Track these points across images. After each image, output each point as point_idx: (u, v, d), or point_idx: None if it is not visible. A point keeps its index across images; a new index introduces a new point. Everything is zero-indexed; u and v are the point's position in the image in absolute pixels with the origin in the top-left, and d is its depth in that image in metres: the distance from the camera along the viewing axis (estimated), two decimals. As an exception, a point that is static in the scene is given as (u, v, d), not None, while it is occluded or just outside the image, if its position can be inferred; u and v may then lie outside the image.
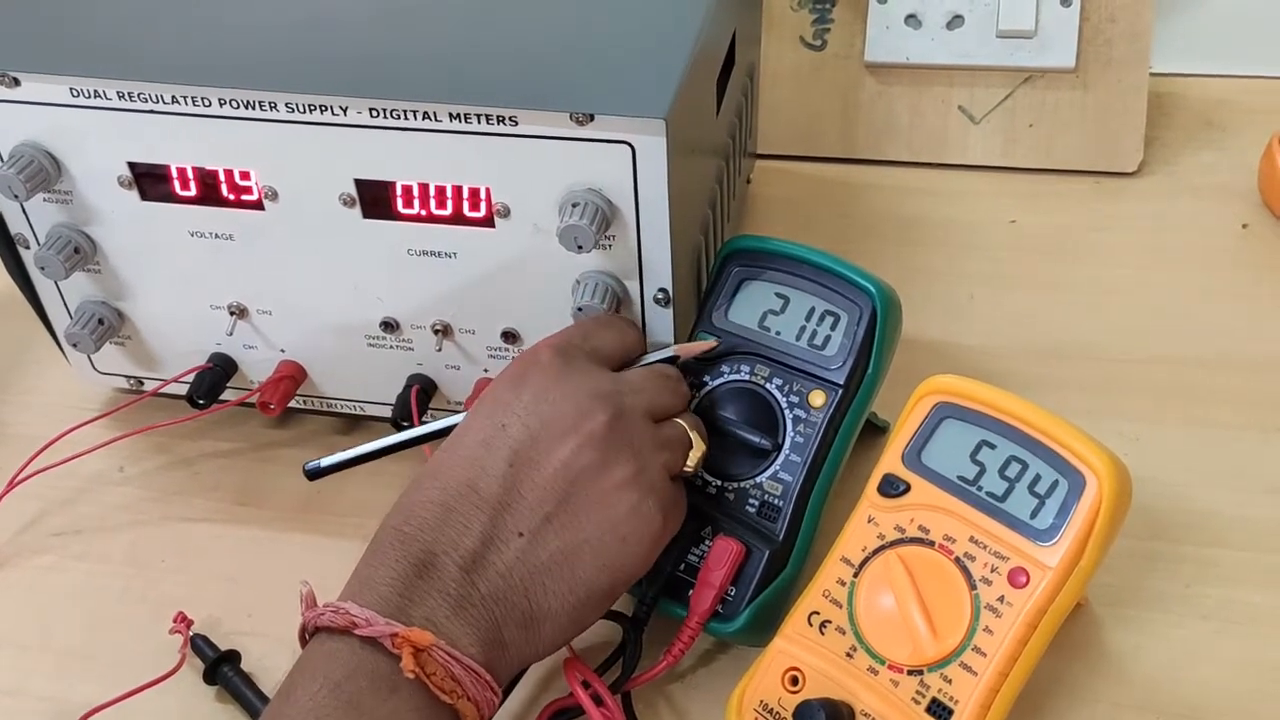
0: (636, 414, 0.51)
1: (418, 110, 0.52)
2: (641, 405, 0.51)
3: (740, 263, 0.58)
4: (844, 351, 0.54)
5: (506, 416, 0.49)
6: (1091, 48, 0.79)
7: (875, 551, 0.50)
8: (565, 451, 0.48)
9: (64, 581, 0.60)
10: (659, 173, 0.52)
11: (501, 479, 0.47)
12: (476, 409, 0.50)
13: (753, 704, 0.50)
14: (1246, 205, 0.77)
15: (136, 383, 0.66)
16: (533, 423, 0.49)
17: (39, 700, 0.55)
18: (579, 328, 0.54)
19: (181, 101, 0.54)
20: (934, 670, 0.47)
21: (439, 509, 0.47)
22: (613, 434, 0.49)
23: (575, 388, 0.50)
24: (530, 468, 0.48)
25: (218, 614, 0.58)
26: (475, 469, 0.48)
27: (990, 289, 0.73)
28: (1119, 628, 0.55)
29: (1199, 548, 0.58)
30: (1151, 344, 0.68)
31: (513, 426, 0.49)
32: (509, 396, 0.50)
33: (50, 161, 0.57)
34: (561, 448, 0.48)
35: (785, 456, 0.54)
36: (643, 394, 0.52)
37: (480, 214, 0.55)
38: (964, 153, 0.82)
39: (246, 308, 0.61)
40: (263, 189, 0.56)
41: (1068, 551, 0.46)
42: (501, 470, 0.48)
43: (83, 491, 0.64)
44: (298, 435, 0.67)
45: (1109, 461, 0.47)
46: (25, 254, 0.61)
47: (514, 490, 0.47)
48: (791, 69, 0.83)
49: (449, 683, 0.43)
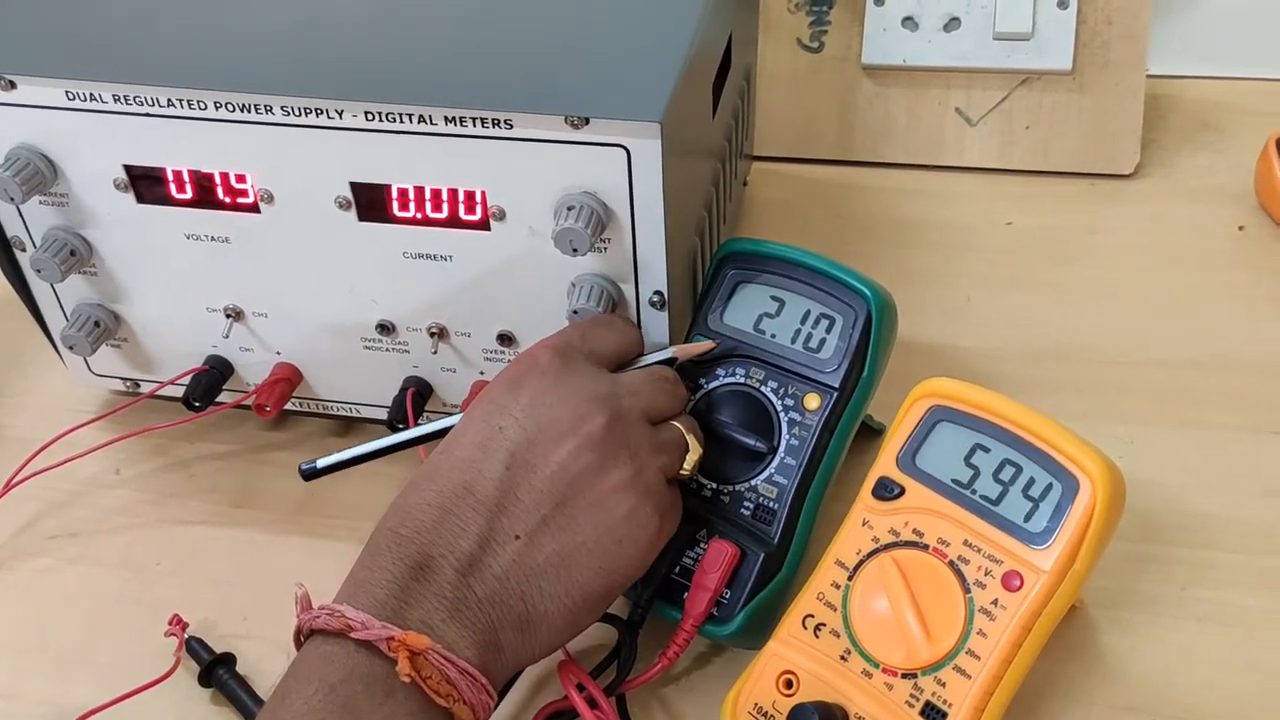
0: (634, 417, 0.51)
1: (413, 113, 0.52)
2: (639, 408, 0.51)
3: (736, 265, 0.58)
4: (839, 355, 0.54)
5: (504, 419, 0.49)
6: (1088, 50, 0.79)
7: (870, 555, 0.50)
8: (562, 454, 0.48)
9: (60, 584, 0.60)
10: (654, 176, 0.52)
11: (498, 481, 0.47)
12: (473, 411, 0.50)
13: (747, 707, 0.50)
14: (1243, 207, 0.77)
15: (133, 385, 0.66)
16: (530, 425, 0.49)
17: (35, 703, 0.55)
18: (577, 328, 0.54)
19: (177, 104, 0.54)
20: (928, 673, 0.47)
21: (435, 511, 0.47)
22: (610, 437, 0.49)
23: (573, 390, 0.50)
24: (527, 470, 0.48)
25: (213, 617, 0.58)
26: (472, 471, 0.48)
27: (987, 291, 0.73)
28: (1114, 630, 0.55)
29: (1194, 550, 0.58)
30: (1148, 346, 0.68)
31: (510, 429, 0.49)
32: (506, 399, 0.50)
33: (46, 164, 0.57)
34: (559, 450, 0.48)
35: (780, 459, 0.54)
36: (640, 396, 0.52)
37: (476, 217, 0.55)
38: (961, 155, 0.82)
39: (242, 310, 0.61)
40: (259, 192, 0.56)
41: (1062, 555, 0.46)
42: (498, 473, 0.48)
43: (79, 494, 0.64)
44: (294, 438, 0.67)
45: (1103, 465, 0.47)
46: (21, 256, 0.61)
47: (511, 493, 0.47)
48: (788, 71, 0.83)
49: (445, 686, 0.43)
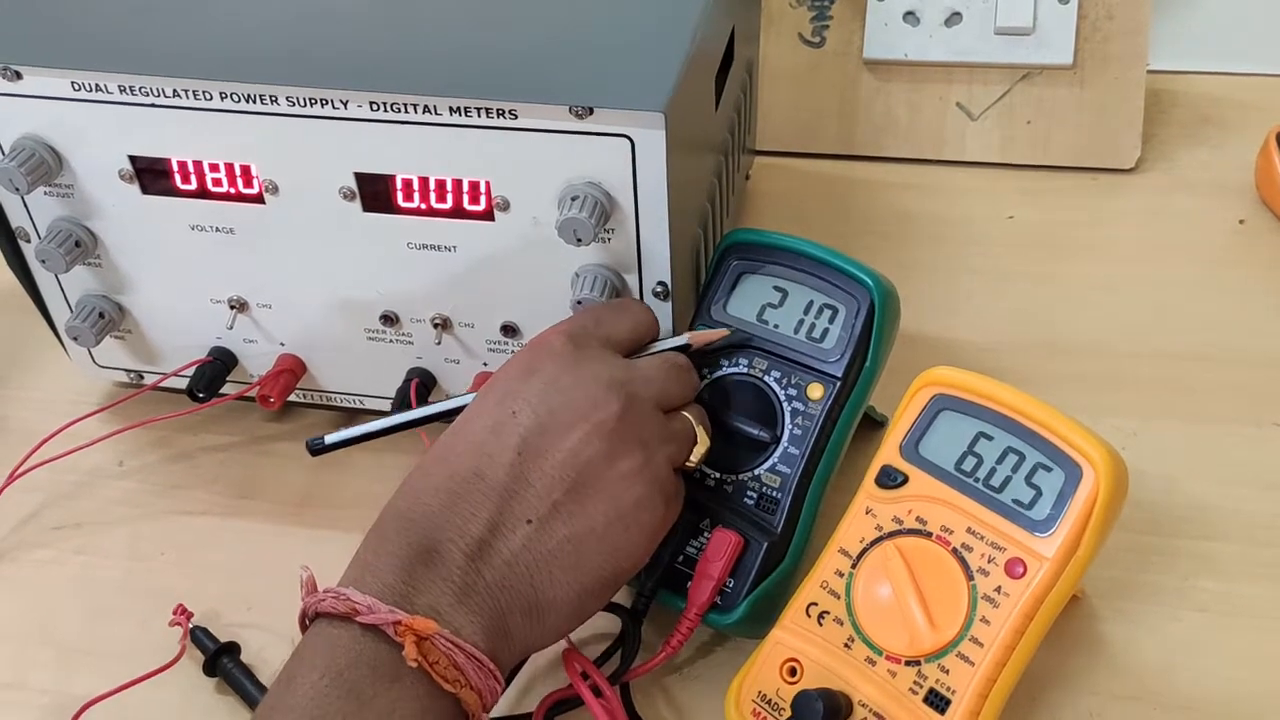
0: (647, 405, 0.51)
1: (418, 104, 0.53)
2: (652, 396, 0.51)
3: (739, 256, 0.58)
4: (842, 344, 0.54)
5: (516, 403, 0.49)
6: (1089, 45, 0.79)
7: (873, 543, 0.50)
8: (574, 440, 0.48)
9: (64, 575, 0.61)
10: (658, 166, 0.52)
11: (509, 466, 0.47)
12: (485, 394, 0.50)
13: (751, 695, 0.50)
14: (1243, 201, 0.77)
15: (136, 376, 0.66)
16: (542, 410, 0.48)
17: (39, 693, 0.55)
18: (591, 313, 0.54)
19: (183, 95, 0.54)
20: (931, 660, 0.47)
21: (445, 495, 0.47)
22: (622, 425, 0.49)
23: (587, 376, 0.50)
24: (539, 456, 0.48)
25: (217, 606, 0.58)
26: (482, 456, 0.48)
27: (988, 284, 0.73)
28: (1116, 620, 0.55)
29: (1195, 541, 0.58)
30: (1148, 339, 0.69)
31: (523, 414, 0.48)
32: (519, 383, 0.50)
33: (51, 155, 0.57)
34: (571, 436, 0.48)
35: (784, 449, 0.54)
36: (653, 384, 0.52)
37: (480, 207, 0.55)
38: (962, 149, 0.82)
39: (246, 301, 0.62)
40: (263, 183, 0.57)
41: (1064, 542, 0.47)
42: (509, 458, 0.47)
43: (83, 485, 0.64)
44: (297, 428, 0.67)
45: (1106, 452, 0.47)
46: (26, 248, 0.61)
47: (522, 478, 0.47)
48: (790, 66, 0.83)
49: (452, 671, 0.43)
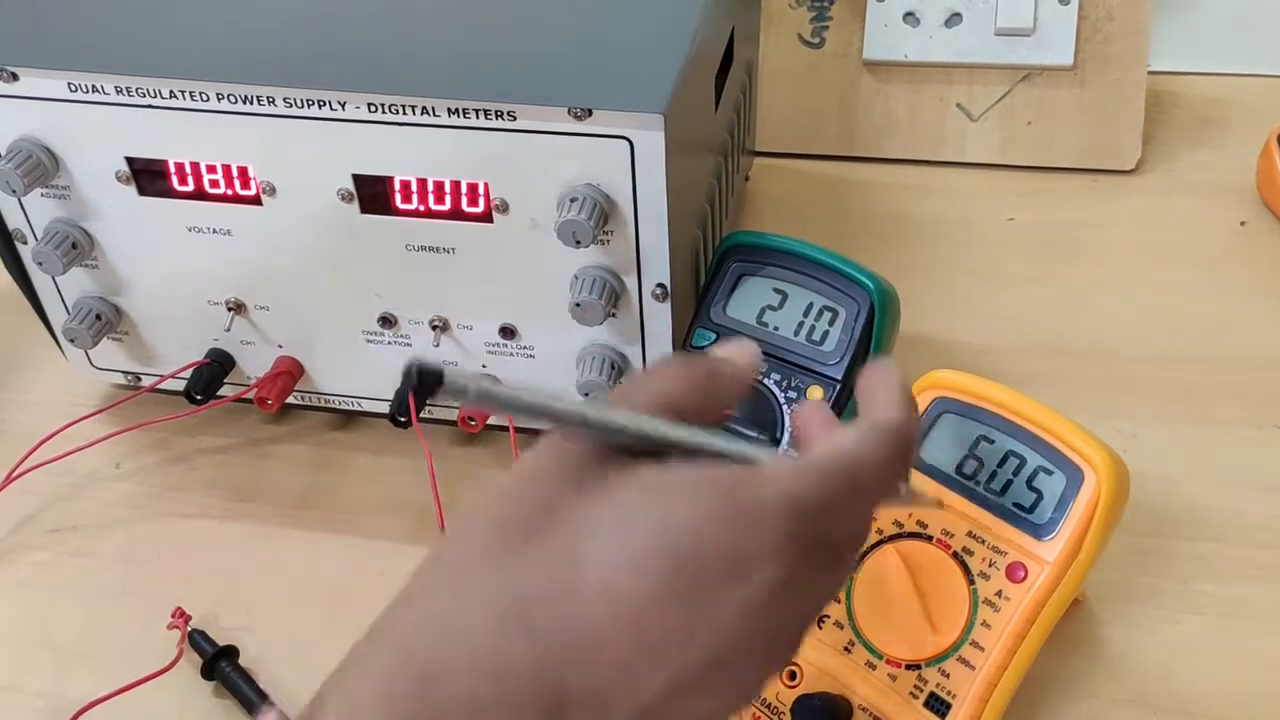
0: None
1: (416, 105, 0.52)
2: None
3: (738, 258, 0.58)
4: (842, 346, 0.54)
5: (693, 624, 0.31)
6: (1090, 46, 0.79)
7: (874, 546, 0.50)
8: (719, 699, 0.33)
9: (61, 577, 0.60)
10: (657, 168, 0.52)
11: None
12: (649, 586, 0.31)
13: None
14: (1244, 203, 0.77)
15: (134, 378, 0.66)
16: (710, 655, 0.32)
17: (36, 696, 0.55)
18: (827, 488, 0.35)
19: (180, 96, 0.54)
20: (932, 665, 0.47)
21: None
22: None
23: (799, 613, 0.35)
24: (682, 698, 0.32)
25: (215, 609, 0.58)
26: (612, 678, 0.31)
27: (988, 286, 0.73)
28: (1116, 623, 0.55)
29: (1195, 544, 0.58)
30: (1149, 341, 0.68)
31: (693, 650, 0.31)
32: (702, 604, 0.32)
33: (48, 156, 0.57)
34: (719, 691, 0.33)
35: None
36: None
37: (478, 209, 0.55)
38: (962, 150, 0.82)
39: (244, 303, 0.61)
40: (261, 184, 0.56)
41: (1065, 546, 0.46)
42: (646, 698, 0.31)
43: (79, 487, 0.64)
44: (295, 431, 0.67)
45: (1107, 456, 0.47)
46: (23, 249, 0.61)
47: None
48: (790, 67, 0.83)
49: None
